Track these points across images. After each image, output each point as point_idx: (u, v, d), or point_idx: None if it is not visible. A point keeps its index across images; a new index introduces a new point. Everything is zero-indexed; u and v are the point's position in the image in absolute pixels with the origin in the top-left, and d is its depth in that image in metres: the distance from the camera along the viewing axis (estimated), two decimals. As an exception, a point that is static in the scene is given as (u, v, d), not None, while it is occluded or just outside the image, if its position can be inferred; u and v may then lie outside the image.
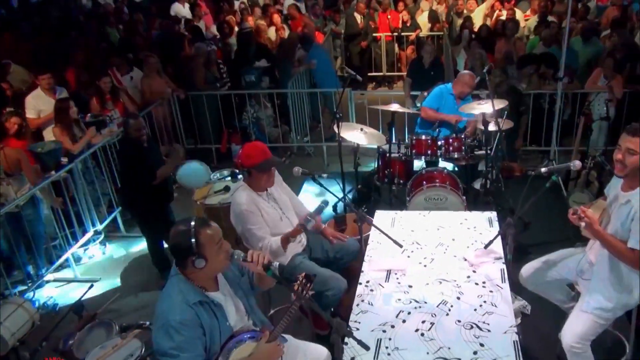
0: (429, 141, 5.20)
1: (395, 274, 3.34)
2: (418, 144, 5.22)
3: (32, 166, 5.31)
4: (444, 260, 3.46)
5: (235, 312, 2.69)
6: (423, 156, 5.25)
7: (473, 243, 3.62)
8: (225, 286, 2.70)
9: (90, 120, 6.06)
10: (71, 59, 7.48)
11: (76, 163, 5.49)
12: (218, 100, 7.65)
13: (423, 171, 5.21)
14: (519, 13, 9.75)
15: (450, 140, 5.19)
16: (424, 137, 5.25)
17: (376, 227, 3.59)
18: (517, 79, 7.06)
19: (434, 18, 10.55)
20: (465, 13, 9.94)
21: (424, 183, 4.99)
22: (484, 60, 7.00)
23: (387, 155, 5.30)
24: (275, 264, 2.58)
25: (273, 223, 3.59)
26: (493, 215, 3.99)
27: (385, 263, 3.43)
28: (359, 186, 5.72)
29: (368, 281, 3.29)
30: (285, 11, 11.62)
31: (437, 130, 5.29)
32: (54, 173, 5.38)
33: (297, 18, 10.33)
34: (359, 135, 5.19)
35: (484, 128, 5.06)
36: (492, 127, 5.12)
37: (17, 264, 5.07)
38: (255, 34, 8.98)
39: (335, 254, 3.92)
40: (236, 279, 2.79)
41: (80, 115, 5.89)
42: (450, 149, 5.18)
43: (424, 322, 2.89)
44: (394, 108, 5.28)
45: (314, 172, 3.78)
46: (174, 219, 5.15)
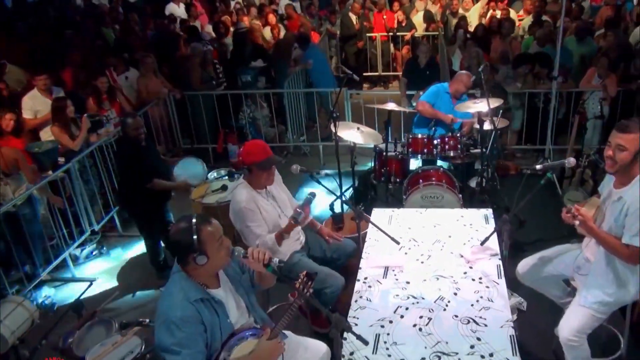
0: (425, 140, 5.23)
1: (393, 270, 3.36)
2: (414, 142, 5.25)
3: (30, 166, 5.32)
4: (441, 256, 3.49)
5: (237, 309, 2.71)
6: (419, 155, 5.27)
7: (469, 240, 3.65)
8: (227, 283, 2.72)
9: (87, 122, 6.06)
10: (67, 59, 7.48)
11: (73, 163, 5.49)
12: (214, 100, 7.65)
13: (419, 170, 5.24)
14: (513, 13, 9.82)
15: (446, 138, 5.22)
16: (420, 136, 5.28)
17: (374, 224, 3.62)
18: (512, 78, 7.12)
19: (429, 18, 10.60)
20: (460, 13, 10.00)
21: (421, 181, 5.02)
22: (480, 59, 7.05)
23: (384, 154, 5.33)
24: (275, 260, 2.60)
25: (272, 221, 3.61)
26: (489, 212, 4.03)
27: (382, 260, 3.46)
28: (356, 185, 5.74)
29: (366, 278, 3.32)
30: (280, 11, 11.66)
31: (433, 129, 5.32)
32: (51, 173, 5.38)
33: (295, 18, 10.35)
34: (355, 134, 5.21)
35: (479, 127, 5.10)
36: (488, 126, 5.17)
37: (15, 263, 5.06)
38: (251, 34, 8.99)
39: (332, 254, 3.96)
40: (237, 276, 2.81)
41: (77, 115, 5.89)
42: (447, 147, 5.21)
43: (421, 318, 2.92)
44: (391, 107, 5.31)
45: (312, 170, 3.81)
46: (171, 218, 5.17)
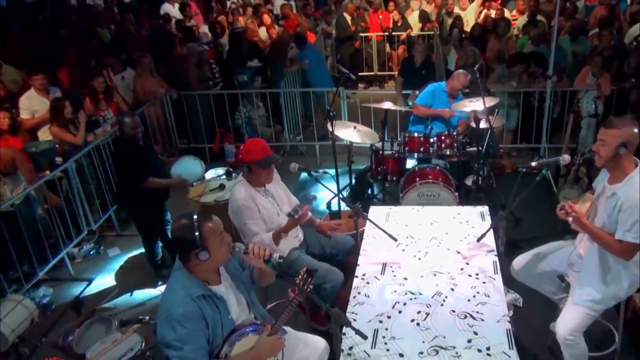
0: (421, 138, 5.28)
1: (391, 267, 3.39)
2: (411, 141, 5.29)
3: (27, 165, 5.33)
4: (438, 253, 3.53)
5: (237, 306, 2.74)
6: (416, 153, 5.31)
7: (466, 236, 3.68)
8: (228, 280, 2.75)
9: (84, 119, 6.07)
10: (63, 59, 7.48)
11: (70, 163, 5.50)
12: (211, 100, 7.68)
13: (416, 168, 5.28)
14: (507, 13, 9.87)
15: (443, 137, 5.27)
16: (416, 135, 5.32)
17: (371, 222, 3.65)
18: (508, 77, 7.17)
19: (425, 18, 10.64)
20: (456, 12, 10.04)
21: (417, 180, 5.06)
22: (477, 58, 7.09)
23: (380, 153, 5.37)
24: (276, 256, 2.63)
25: (270, 218, 3.64)
26: (485, 209, 4.06)
27: (380, 257, 3.49)
28: (353, 183, 5.78)
29: (364, 274, 3.35)
30: (275, 11, 11.68)
31: (429, 127, 5.36)
32: (48, 173, 5.39)
33: (292, 18, 10.38)
34: (352, 133, 5.25)
35: (475, 125, 5.15)
36: (484, 124, 5.21)
37: (13, 263, 5.06)
38: (246, 33, 9.01)
39: (331, 250, 3.99)
40: (237, 273, 2.84)
41: (74, 115, 5.90)
42: (443, 145, 5.26)
43: (419, 313, 2.96)
44: (387, 106, 5.35)
45: (310, 168, 3.84)
46: (169, 217, 5.19)
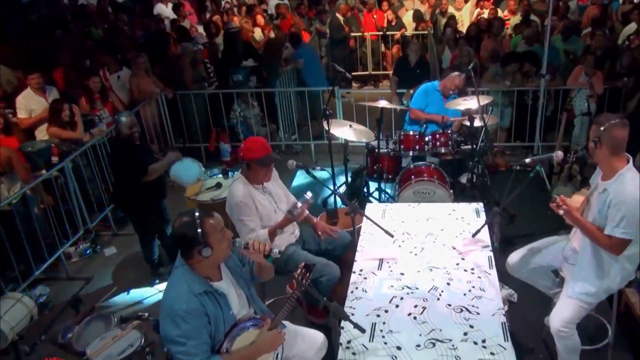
0: (416, 136, 5.32)
1: (387, 262, 3.44)
2: (406, 139, 5.33)
3: (23, 165, 5.35)
4: (434, 249, 3.57)
5: (238, 301, 2.78)
6: (411, 151, 5.35)
7: (461, 232, 3.73)
8: (228, 276, 2.78)
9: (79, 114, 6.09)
10: (58, 59, 7.48)
11: (67, 162, 5.51)
12: (206, 100, 7.69)
13: (411, 166, 5.32)
14: (499, 13, 9.94)
15: (437, 135, 5.31)
16: (411, 133, 5.36)
17: (368, 218, 3.69)
18: (501, 76, 7.23)
19: (419, 17, 10.69)
20: (450, 12, 10.10)
21: (413, 177, 5.09)
22: (472, 58, 7.15)
23: (376, 151, 5.41)
24: (275, 250, 2.67)
25: (267, 215, 3.68)
26: (480, 206, 4.11)
27: (377, 252, 3.53)
28: (349, 181, 5.82)
29: (361, 270, 3.39)
30: (270, 11, 11.71)
31: (425, 126, 5.40)
32: (45, 172, 5.40)
33: (288, 17, 10.41)
34: (348, 131, 5.29)
35: (469, 123, 5.20)
36: (478, 123, 5.27)
37: (10, 262, 5.07)
38: (241, 33, 9.03)
39: (327, 246, 4.03)
40: (237, 268, 2.88)
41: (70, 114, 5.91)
42: (438, 144, 5.30)
43: (416, 307, 3.00)
44: (382, 104, 5.39)
45: (307, 166, 3.87)
46: (168, 216, 5.21)
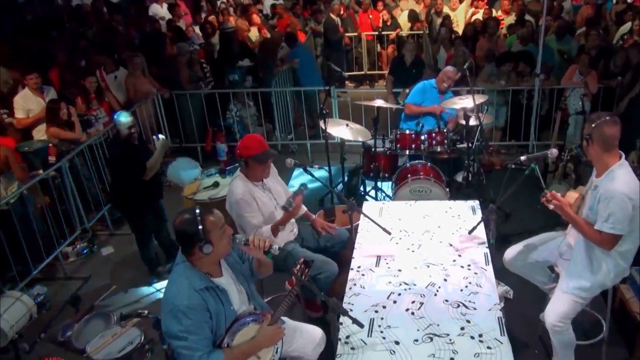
0: (412, 135, 5.36)
1: (385, 259, 3.48)
2: (402, 138, 5.37)
3: (20, 164, 5.35)
4: (431, 246, 3.61)
5: (238, 297, 2.81)
6: (407, 150, 5.39)
7: (458, 230, 3.77)
8: (228, 272, 2.82)
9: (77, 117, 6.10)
10: (54, 59, 7.48)
11: (64, 162, 5.52)
12: (202, 100, 7.70)
13: (407, 164, 5.36)
14: (493, 13, 10.00)
15: (433, 134, 5.35)
16: (408, 132, 5.40)
17: (365, 215, 3.72)
18: (496, 75, 7.28)
19: (414, 17, 10.74)
20: (445, 12, 10.15)
21: (409, 176, 5.13)
22: (467, 57, 7.19)
23: (373, 150, 5.44)
24: (275, 247, 2.70)
25: (268, 212, 3.71)
26: (476, 203, 4.16)
27: (375, 249, 3.57)
28: (345, 180, 5.85)
29: (359, 266, 3.43)
30: (265, 11, 11.73)
31: (421, 125, 5.44)
32: (42, 172, 5.41)
33: (285, 17, 10.43)
34: (344, 130, 5.33)
35: (465, 122, 5.24)
36: (473, 122, 5.31)
37: (7, 262, 5.07)
38: (237, 33, 9.05)
39: (326, 243, 4.07)
40: (237, 265, 2.91)
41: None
42: (434, 142, 5.34)
43: (413, 302, 3.04)
44: (379, 103, 5.42)
45: (305, 164, 3.91)
46: (166, 216, 5.23)
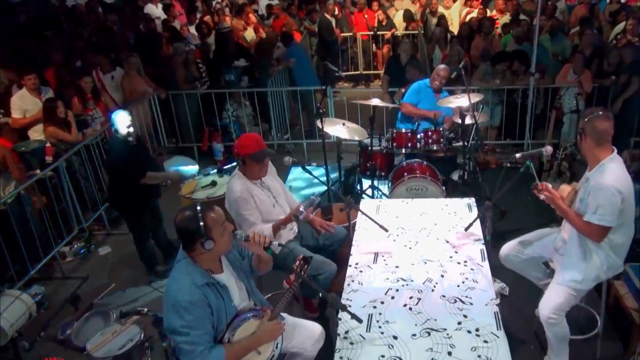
0: (409, 134, 5.40)
1: (383, 256, 3.51)
2: (399, 137, 5.41)
3: (17, 164, 5.36)
4: (428, 242, 3.65)
5: (239, 293, 2.84)
6: (403, 149, 5.43)
7: (454, 227, 3.81)
8: (229, 268, 2.85)
9: (73, 118, 6.10)
10: (49, 59, 7.48)
11: (61, 162, 5.53)
12: (198, 100, 7.72)
13: (404, 163, 5.40)
14: (487, 12, 10.06)
15: (430, 133, 5.39)
16: (404, 131, 5.45)
17: (363, 213, 3.76)
18: (491, 75, 7.33)
19: (409, 17, 10.79)
20: (440, 12, 10.20)
21: (405, 174, 5.17)
22: (461, 57, 7.24)
23: (369, 149, 5.48)
24: (275, 243, 2.74)
25: (266, 210, 3.75)
26: (472, 201, 4.21)
27: (372, 246, 3.60)
28: (342, 179, 5.88)
29: (357, 263, 3.46)
30: (260, 11, 11.75)
31: (417, 124, 5.48)
32: (39, 172, 5.42)
33: (281, 17, 10.46)
34: (341, 129, 5.36)
35: (460, 121, 5.28)
36: (469, 120, 5.36)
37: (4, 261, 5.07)
38: (233, 33, 9.07)
39: (324, 241, 4.11)
40: (237, 261, 2.94)
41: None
42: (430, 141, 5.38)
43: (411, 298, 3.08)
44: (375, 103, 5.46)
45: (303, 162, 3.94)
46: (162, 215, 5.25)
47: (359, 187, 5.85)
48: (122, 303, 4.78)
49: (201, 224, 2.55)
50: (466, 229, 3.63)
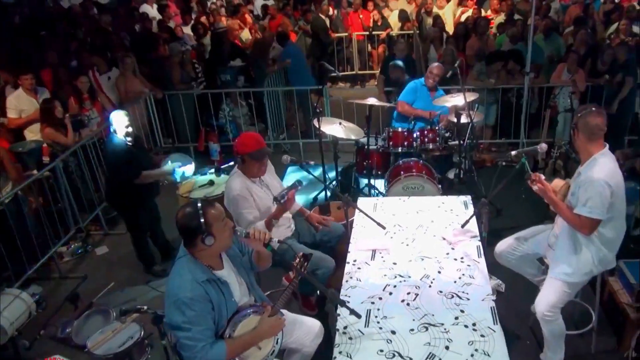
0: (405, 133, 5.43)
1: (380, 253, 3.55)
2: (395, 135, 5.45)
3: (14, 164, 5.36)
4: (425, 239, 3.69)
5: (239, 289, 2.88)
6: (400, 147, 5.46)
7: (450, 224, 3.85)
8: (229, 265, 2.88)
9: (69, 120, 6.10)
10: (45, 60, 7.48)
11: (57, 162, 5.53)
12: (194, 100, 7.74)
13: (400, 162, 5.43)
14: (482, 12, 10.11)
15: (426, 132, 5.43)
16: (400, 130, 5.48)
17: (360, 210, 3.79)
18: (486, 74, 7.37)
19: (404, 17, 10.83)
20: (435, 12, 10.25)
21: (402, 173, 5.21)
22: (454, 56, 7.28)
23: (366, 148, 5.51)
24: (275, 240, 2.77)
25: (265, 207, 3.77)
26: (468, 198, 4.25)
27: (370, 243, 3.64)
28: (339, 178, 5.91)
29: (355, 260, 3.50)
30: (256, 12, 11.77)
31: (413, 122, 5.52)
32: (36, 172, 5.42)
33: (277, 17, 10.48)
34: (337, 128, 5.39)
35: (456, 120, 5.32)
36: (464, 119, 5.40)
37: (2, 261, 5.07)
38: (228, 33, 9.09)
39: (322, 237, 4.14)
40: (237, 258, 2.97)
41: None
42: (426, 140, 5.42)
43: (409, 294, 3.12)
44: (371, 102, 5.49)
45: (300, 161, 3.97)
46: (160, 215, 5.27)
47: (355, 186, 5.89)
48: (121, 302, 4.80)
49: (202, 220, 2.58)
50: (462, 226, 3.67)
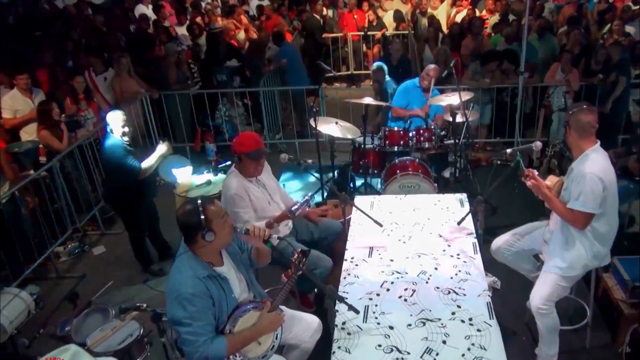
0: (401, 132, 5.47)
1: (377, 250, 3.58)
2: (391, 135, 5.48)
3: (10, 164, 5.37)
4: (421, 237, 3.73)
5: (239, 285, 2.91)
6: (396, 146, 5.50)
7: (447, 221, 3.89)
8: (229, 261, 2.91)
9: (65, 120, 6.12)
10: (40, 60, 7.48)
11: (54, 162, 5.54)
12: (190, 100, 7.75)
13: (396, 161, 5.47)
14: (477, 13, 10.16)
15: (421, 131, 5.46)
16: (396, 129, 5.52)
17: (357, 208, 3.83)
18: (481, 74, 7.42)
19: (399, 17, 10.88)
20: (429, 12, 10.30)
21: (398, 172, 5.24)
22: (447, 56, 7.33)
23: (362, 147, 5.55)
24: (274, 236, 2.80)
25: (261, 206, 3.81)
26: (464, 196, 4.29)
27: (367, 241, 3.67)
28: (335, 177, 5.95)
29: (352, 257, 3.53)
30: (251, 12, 11.80)
31: (409, 121, 5.55)
32: (32, 172, 5.43)
33: (273, 18, 10.50)
34: (334, 128, 5.41)
35: (451, 119, 5.36)
36: (459, 118, 5.44)
37: (1, 262, 5.08)
38: (224, 34, 9.11)
39: (319, 235, 4.18)
40: (237, 255, 3.01)
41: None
42: (422, 139, 5.46)
43: (406, 290, 3.15)
44: (367, 101, 5.53)
45: (298, 160, 4.01)
46: (157, 214, 5.28)
47: (352, 185, 5.92)
48: (119, 301, 4.81)
49: (202, 217, 2.61)
50: (459, 223, 3.71)
